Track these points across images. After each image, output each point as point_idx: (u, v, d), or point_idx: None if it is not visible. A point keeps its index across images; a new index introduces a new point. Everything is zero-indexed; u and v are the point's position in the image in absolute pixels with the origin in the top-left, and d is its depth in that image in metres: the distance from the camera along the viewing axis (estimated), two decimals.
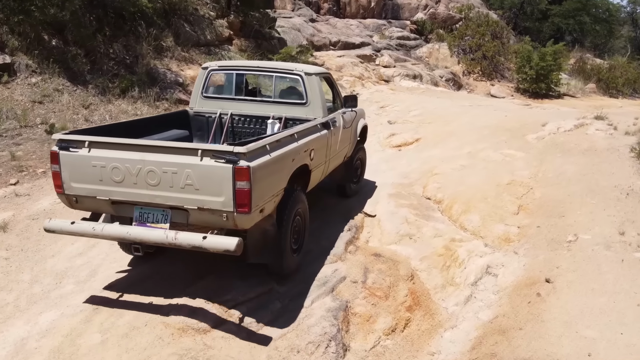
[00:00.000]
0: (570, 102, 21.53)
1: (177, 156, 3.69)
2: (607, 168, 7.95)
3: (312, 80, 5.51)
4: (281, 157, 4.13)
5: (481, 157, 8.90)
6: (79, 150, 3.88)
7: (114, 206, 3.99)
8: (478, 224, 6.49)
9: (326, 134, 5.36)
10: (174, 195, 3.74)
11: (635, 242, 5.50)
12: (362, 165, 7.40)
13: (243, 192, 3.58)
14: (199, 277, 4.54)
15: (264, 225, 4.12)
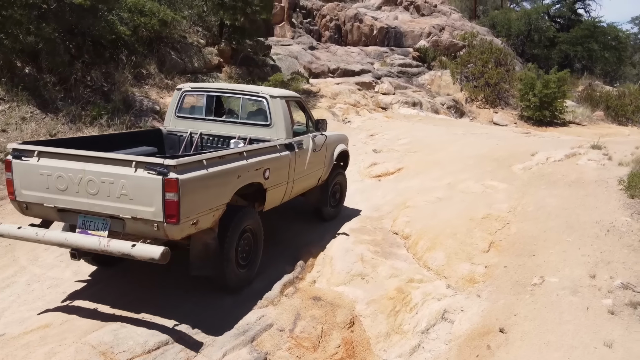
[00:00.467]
0: (576, 130, 20.95)
1: (114, 167, 3.87)
2: (592, 202, 7.44)
3: (276, 103, 5.67)
4: (221, 173, 4.24)
5: (460, 188, 8.45)
6: (29, 159, 4.10)
7: (61, 214, 4.17)
8: (442, 263, 6.02)
9: (288, 155, 5.49)
10: (111, 204, 3.89)
11: (605, 287, 4.97)
12: (341, 191, 7.50)
13: (172, 203, 3.72)
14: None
15: (205, 239, 4.23)
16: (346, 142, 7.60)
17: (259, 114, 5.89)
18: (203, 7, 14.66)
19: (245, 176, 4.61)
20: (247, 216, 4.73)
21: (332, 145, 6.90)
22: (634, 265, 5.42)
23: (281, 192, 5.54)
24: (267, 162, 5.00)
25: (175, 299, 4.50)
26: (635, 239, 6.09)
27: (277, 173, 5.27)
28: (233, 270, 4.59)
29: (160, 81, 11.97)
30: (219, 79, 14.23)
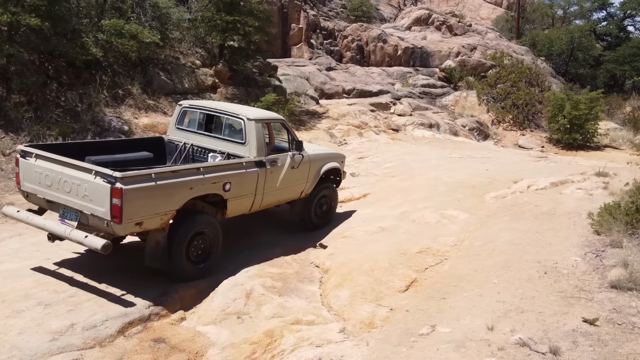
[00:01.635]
0: (610, 154, 19.34)
1: (81, 172, 4.84)
2: (549, 237, 6.54)
3: (251, 124, 6.32)
4: (170, 185, 5.06)
5: (412, 218, 7.73)
6: (30, 159, 5.22)
7: (49, 204, 5.23)
8: (345, 303, 5.39)
9: (257, 171, 6.20)
10: (79, 201, 4.84)
11: (499, 342, 4.19)
12: (330, 203, 8.00)
13: (116, 207, 4.56)
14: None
15: (156, 237, 5.05)
16: (340, 159, 8.17)
17: (237, 133, 6.56)
18: (199, 30, 14.69)
19: (200, 188, 5.40)
20: (198, 221, 5.50)
21: (319, 162, 7.48)
22: (550, 317, 4.58)
23: (247, 203, 6.25)
24: (227, 177, 5.74)
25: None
26: (571, 284, 5.21)
27: (241, 186, 5.99)
28: (182, 265, 5.37)
29: (142, 102, 11.98)
30: (212, 99, 14.15)
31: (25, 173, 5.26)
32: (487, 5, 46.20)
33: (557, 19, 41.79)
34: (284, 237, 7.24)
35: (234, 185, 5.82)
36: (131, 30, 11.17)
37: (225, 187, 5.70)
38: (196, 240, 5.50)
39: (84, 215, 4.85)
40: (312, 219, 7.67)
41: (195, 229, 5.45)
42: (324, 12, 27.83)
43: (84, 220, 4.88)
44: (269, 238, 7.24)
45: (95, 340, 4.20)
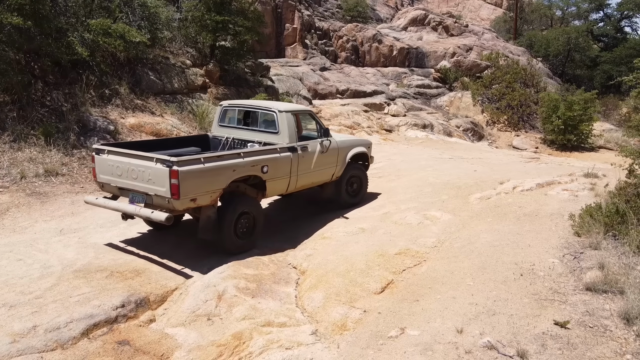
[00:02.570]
0: (603, 155, 19.31)
1: (145, 161, 5.78)
2: (529, 239, 6.48)
3: (282, 115, 7.21)
4: (216, 167, 5.93)
5: (395, 219, 7.66)
6: (103, 155, 6.21)
7: (120, 190, 6.18)
8: (319, 305, 5.32)
9: (288, 155, 7.00)
10: (144, 185, 5.77)
11: (466, 346, 4.13)
12: (360, 182, 8.77)
13: (174, 186, 5.47)
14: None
15: (207, 213, 5.97)
16: (366, 145, 8.96)
17: (271, 124, 7.42)
18: (189, 29, 14.64)
19: (241, 170, 6.23)
20: (244, 203, 6.44)
21: (346, 148, 8.27)
22: (521, 319, 4.52)
23: (283, 184, 7.08)
24: (264, 160, 6.56)
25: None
26: (546, 287, 5.15)
27: (276, 169, 6.79)
28: (231, 239, 6.25)
29: (130, 102, 11.92)
30: (201, 99, 14.10)
31: (100, 167, 6.25)
32: (487, 5, 46.17)
33: (555, 20, 41.72)
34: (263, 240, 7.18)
35: (270, 167, 6.66)
36: (118, 30, 11.11)
37: (263, 169, 6.56)
38: (242, 219, 6.41)
39: (149, 196, 5.79)
40: (345, 197, 8.44)
41: (242, 209, 6.36)
42: (319, 12, 27.79)
43: (149, 200, 5.82)
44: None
45: (57, 343, 4.13)
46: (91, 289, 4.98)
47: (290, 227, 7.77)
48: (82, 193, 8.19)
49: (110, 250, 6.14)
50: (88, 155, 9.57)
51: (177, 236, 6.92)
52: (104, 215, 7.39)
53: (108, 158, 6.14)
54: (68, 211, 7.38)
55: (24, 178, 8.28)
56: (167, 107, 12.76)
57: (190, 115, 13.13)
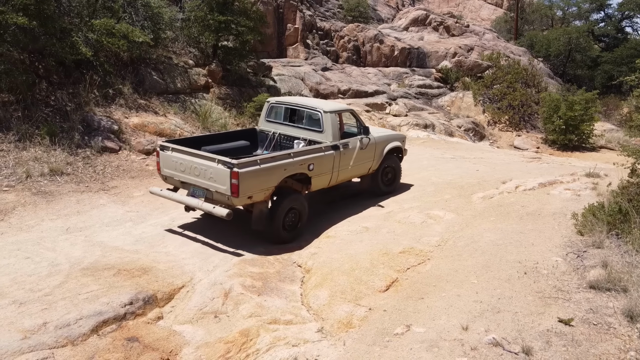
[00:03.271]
0: (605, 155, 19.30)
1: (207, 161, 6.38)
2: (532, 238, 6.53)
3: (327, 115, 7.71)
4: (270, 167, 6.53)
5: (398, 218, 7.71)
6: (167, 151, 6.80)
7: (183, 184, 6.78)
8: (324, 303, 5.38)
9: (332, 153, 7.58)
10: (206, 182, 6.36)
11: (472, 342, 4.17)
12: (394, 172, 9.32)
13: (234, 185, 6.06)
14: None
15: (260, 207, 6.61)
16: (401, 139, 9.58)
17: (316, 123, 7.89)
18: (192, 29, 14.67)
19: (291, 169, 6.84)
20: (291, 199, 6.97)
21: (383, 143, 8.82)
22: (526, 317, 4.57)
23: (326, 179, 7.67)
24: (311, 159, 7.14)
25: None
26: (550, 285, 5.19)
27: (321, 166, 7.39)
28: (279, 231, 6.85)
29: (133, 101, 11.96)
30: (203, 99, 14.15)
31: (164, 162, 6.86)
32: (487, 6, 46.20)
33: (556, 20, 41.73)
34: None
35: (316, 165, 7.24)
36: (122, 30, 11.15)
37: (309, 167, 7.14)
38: (290, 214, 6.97)
39: (210, 192, 6.38)
40: (381, 187, 8.99)
41: (289, 206, 6.91)
42: (321, 12, 27.82)
43: (209, 195, 6.42)
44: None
45: (67, 339, 4.18)
46: (99, 286, 5.03)
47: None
48: (87, 192, 8.24)
49: (116, 249, 6.19)
50: (93, 154, 9.63)
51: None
52: (109, 214, 7.44)
53: (172, 155, 6.74)
54: (74, 210, 7.42)
55: (30, 177, 8.32)
56: (170, 107, 12.80)
57: (193, 115, 13.17)
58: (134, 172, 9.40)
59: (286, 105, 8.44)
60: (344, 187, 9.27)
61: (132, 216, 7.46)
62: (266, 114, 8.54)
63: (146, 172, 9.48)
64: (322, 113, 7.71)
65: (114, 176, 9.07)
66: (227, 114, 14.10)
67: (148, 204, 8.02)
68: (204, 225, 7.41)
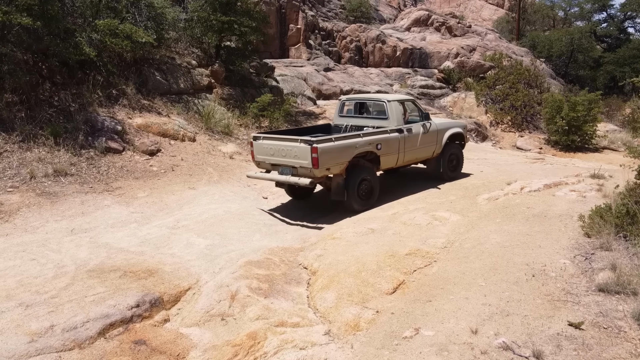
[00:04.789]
0: (608, 156, 19.25)
1: (292, 142, 7.65)
2: (539, 240, 6.50)
3: (390, 104, 8.94)
4: (343, 144, 7.76)
5: (404, 219, 7.68)
6: (259, 140, 8.13)
7: (273, 167, 8.06)
8: (331, 305, 5.34)
9: (397, 136, 8.72)
10: (292, 160, 7.65)
11: (482, 346, 4.15)
12: (457, 160, 10.34)
13: (315, 159, 7.29)
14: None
15: (337, 179, 7.84)
16: (462, 126, 10.59)
17: (382, 112, 9.10)
18: (195, 30, 14.66)
19: (361, 147, 8.03)
20: (363, 171, 8.17)
21: (444, 129, 9.81)
22: (535, 320, 4.54)
23: (393, 159, 8.78)
24: (378, 140, 8.31)
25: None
26: (559, 287, 5.16)
27: (387, 146, 8.51)
28: (356, 200, 8.07)
29: (136, 102, 11.95)
30: (207, 99, 14.13)
31: (257, 149, 8.17)
32: (488, 6, 46.19)
33: (558, 21, 41.71)
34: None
35: (383, 145, 8.35)
36: (125, 30, 11.14)
37: (377, 146, 8.26)
38: (363, 185, 8.11)
39: (295, 168, 7.68)
40: (447, 172, 9.95)
41: (362, 177, 8.07)
42: (323, 12, 27.81)
43: (295, 172, 7.73)
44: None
45: (74, 342, 4.15)
46: (106, 288, 5.01)
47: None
48: (91, 193, 8.22)
49: (121, 250, 6.17)
50: (96, 155, 9.61)
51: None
52: (114, 215, 7.43)
53: (263, 142, 8.08)
54: (78, 211, 7.41)
55: (34, 178, 8.31)
56: (173, 108, 12.79)
57: (196, 115, 13.16)
58: (138, 172, 9.38)
59: (355, 100, 9.84)
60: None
61: (136, 217, 7.44)
62: (339, 110, 9.82)
63: (150, 173, 9.47)
64: (386, 102, 8.92)
65: (118, 177, 9.05)
66: (230, 115, 14.09)
67: (152, 205, 8.00)
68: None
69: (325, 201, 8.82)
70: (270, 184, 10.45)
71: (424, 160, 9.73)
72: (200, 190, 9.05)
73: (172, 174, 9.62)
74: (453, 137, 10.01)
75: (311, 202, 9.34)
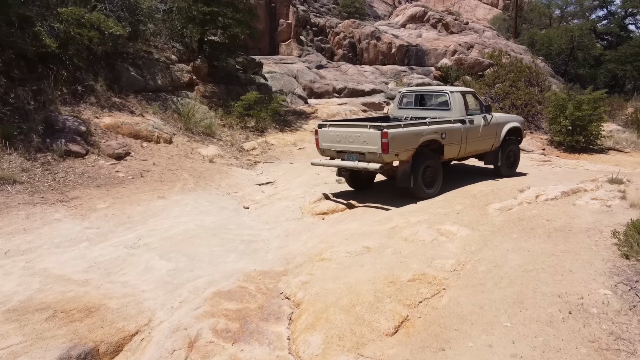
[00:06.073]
0: (614, 158, 18.27)
1: (360, 128, 7.74)
2: (568, 262, 5.42)
3: (453, 95, 8.90)
4: (411, 131, 7.75)
5: (404, 235, 6.58)
6: (325, 128, 8.20)
7: (338, 154, 8.11)
8: (317, 352, 4.23)
9: (459, 126, 8.63)
10: (359, 146, 7.71)
11: None
12: (514, 156, 10.20)
13: (385, 143, 7.37)
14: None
15: (404, 166, 7.87)
16: (519, 121, 10.45)
17: (444, 103, 9.05)
18: (175, 22, 13.51)
19: (427, 135, 7.94)
20: (427, 158, 8.08)
21: (503, 123, 9.73)
22: None
23: (455, 150, 8.73)
24: (442, 129, 8.24)
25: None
26: (605, 330, 4.08)
27: (451, 136, 8.45)
28: (421, 186, 7.97)
29: (106, 100, 10.79)
30: (187, 97, 12.99)
31: (322, 137, 8.20)
32: (483, 5, 45.33)
33: (554, 19, 40.85)
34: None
35: (447, 135, 8.34)
36: (92, 20, 9.97)
37: (442, 135, 8.24)
38: (427, 171, 8.10)
39: (362, 155, 7.69)
40: (504, 168, 9.80)
41: (426, 163, 8.04)
42: (315, 8, 26.70)
43: (361, 159, 7.73)
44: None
45: None
46: (23, 337, 3.87)
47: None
48: (41, 204, 7.07)
49: (60, 279, 5.03)
50: (54, 159, 8.46)
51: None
52: (63, 232, 6.28)
53: (329, 130, 8.09)
54: (20, 227, 6.25)
55: None
56: (149, 106, 11.64)
57: (174, 114, 12.03)
58: (101, 179, 8.23)
59: (416, 92, 9.81)
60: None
61: (90, 234, 6.30)
62: (398, 102, 9.89)
63: (115, 180, 8.32)
64: (449, 93, 8.96)
65: (77, 185, 7.90)
66: (213, 114, 12.97)
67: (112, 218, 6.86)
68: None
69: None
70: (251, 192, 9.34)
71: (481, 153, 9.66)
72: (171, 200, 7.91)
73: (140, 181, 8.47)
74: (511, 131, 9.93)
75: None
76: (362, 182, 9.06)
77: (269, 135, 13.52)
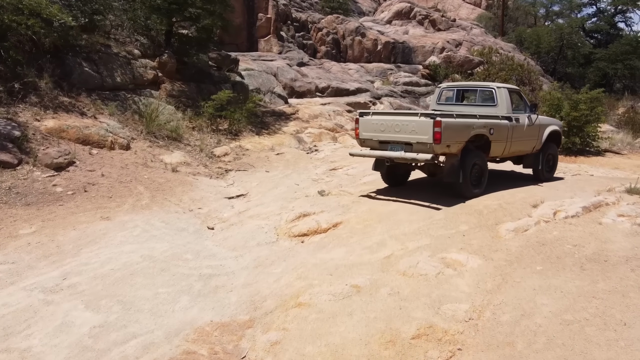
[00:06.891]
0: (613, 160, 17.27)
1: (409, 117, 7.54)
2: (616, 308, 4.19)
3: (500, 90, 8.58)
4: (462, 123, 7.47)
5: (401, 267, 5.29)
6: (367, 117, 7.91)
7: (380, 144, 7.77)
8: None
9: (506, 123, 8.31)
10: (407, 136, 7.36)
11: None
12: (554, 161, 9.86)
13: (437, 133, 7.02)
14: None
15: (451, 161, 7.59)
16: (559, 125, 10.18)
17: (489, 99, 8.67)
18: (138, 12, 12.05)
19: (477, 128, 7.69)
20: (475, 155, 7.79)
21: (544, 125, 9.34)
22: None
23: (502, 146, 8.34)
24: (491, 124, 7.96)
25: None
26: None
27: (498, 132, 8.10)
28: (468, 184, 7.64)
29: (52, 99, 9.32)
30: (152, 96, 11.54)
31: (363, 126, 7.79)
32: (466, 5, 44.49)
33: (539, 18, 40.13)
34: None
35: (495, 131, 7.96)
36: (31, 5, 8.50)
37: (490, 131, 7.87)
38: (474, 169, 7.68)
39: (409, 145, 7.26)
40: (544, 172, 9.42)
41: (474, 161, 7.64)
42: (297, 2, 25.35)
43: (407, 149, 7.28)
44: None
45: None
46: None
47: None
48: None
49: None
50: None
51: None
52: None
53: (372, 118, 7.74)
54: None
55: None
56: (104, 107, 10.19)
57: (135, 116, 10.59)
58: (33, 195, 6.79)
59: (458, 88, 9.51)
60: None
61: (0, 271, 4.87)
62: (437, 98, 9.45)
63: (50, 196, 6.88)
64: (495, 89, 8.58)
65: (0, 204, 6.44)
66: (181, 115, 11.57)
67: (36, 249, 5.44)
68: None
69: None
70: (219, 207, 7.97)
71: (520, 156, 9.22)
72: (116, 222, 6.50)
73: (82, 197, 7.05)
74: (551, 135, 9.55)
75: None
76: (399, 177, 8.69)
77: (243, 139, 12.15)
